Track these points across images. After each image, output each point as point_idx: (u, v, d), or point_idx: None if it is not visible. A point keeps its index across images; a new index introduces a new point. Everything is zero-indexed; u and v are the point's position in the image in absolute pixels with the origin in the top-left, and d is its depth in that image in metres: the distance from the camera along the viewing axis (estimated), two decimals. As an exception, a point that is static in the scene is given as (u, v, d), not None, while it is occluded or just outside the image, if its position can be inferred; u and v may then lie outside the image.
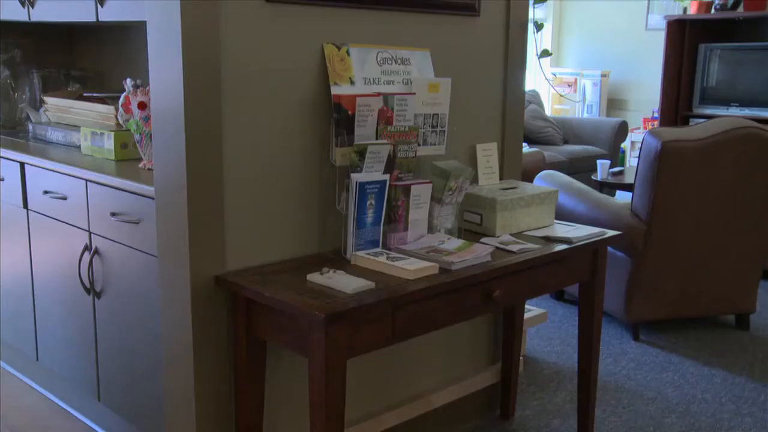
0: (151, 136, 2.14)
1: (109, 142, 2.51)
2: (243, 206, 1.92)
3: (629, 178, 5.16)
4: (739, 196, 3.43)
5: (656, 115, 6.71)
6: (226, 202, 1.88)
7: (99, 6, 2.36)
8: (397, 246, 2.03)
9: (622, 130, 6.72)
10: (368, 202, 1.95)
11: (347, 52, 2.07)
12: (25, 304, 2.81)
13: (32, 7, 2.69)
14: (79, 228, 2.42)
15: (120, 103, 2.39)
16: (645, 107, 7.19)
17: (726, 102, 6.31)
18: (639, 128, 7.03)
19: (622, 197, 4.93)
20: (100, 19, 2.38)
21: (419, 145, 2.17)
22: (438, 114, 2.23)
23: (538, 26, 2.70)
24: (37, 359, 2.82)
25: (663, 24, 6.52)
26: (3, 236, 2.89)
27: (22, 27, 3.01)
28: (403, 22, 2.22)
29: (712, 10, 6.33)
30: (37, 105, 3.11)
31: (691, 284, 3.52)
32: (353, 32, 2.10)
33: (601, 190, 4.96)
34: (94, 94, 2.84)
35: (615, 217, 3.36)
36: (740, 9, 6.17)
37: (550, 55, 2.79)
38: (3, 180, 2.79)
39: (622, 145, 6.76)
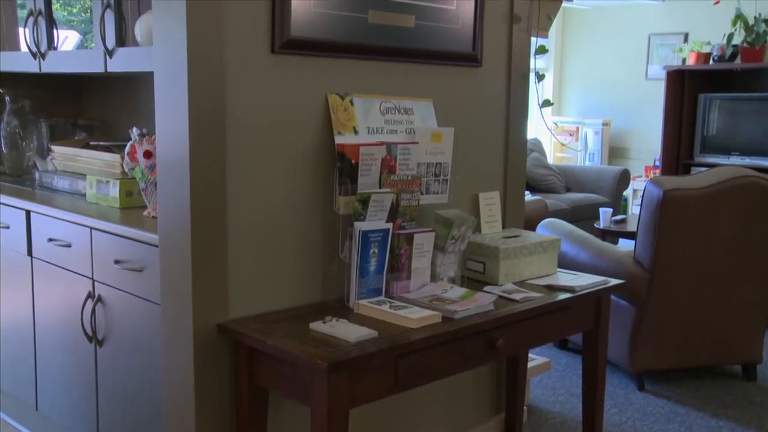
0: (156, 185, 2.16)
1: (114, 190, 2.53)
2: (246, 254, 1.93)
3: (632, 227, 5.17)
4: (742, 244, 3.43)
5: (658, 163, 6.75)
6: (230, 250, 1.89)
7: (108, 57, 2.40)
8: (399, 294, 2.03)
9: (624, 178, 6.76)
10: (371, 251, 1.96)
11: (351, 102, 2.10)
12: (25, 352, 2.80)
13: (43, 60, 2.74)
14: (82, 275, 2.43)
15: (126, 152, 2.42)
16: (646, 155, 7.24)
17: (727, 151, 6.35)
18: (641, 176, 7.06)
19: (625, 245, 4.93)
20: (108, 70, 2.42)
21: (422, 193, 2.18)
22: (441, 163, 2.25)
23: (540, 77, 2.73)
24: (37, 408, 2.79)
25: (662, 74, 6.61)
26: (6, 284, 2.90)
27: (32, 78, 3.06)
28: (406, 72, 2.25)
29: (711, 62, 6.42)
30: (44, 153, 3.14)
31: (696, 333, 3.49)
32: (357, 82, 2.13)
33: (603, 239, 4.96)
34: (101, 143, 2.87)
35: (618, 266, 3.36)
36: (738, 60, 6.25)
37: (551, 104, 2.82)
38: (8, 227, 2.80)
39: (625, 193, 6.79)
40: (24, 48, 2.85)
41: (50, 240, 2.56)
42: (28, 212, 2.68)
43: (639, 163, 7.32)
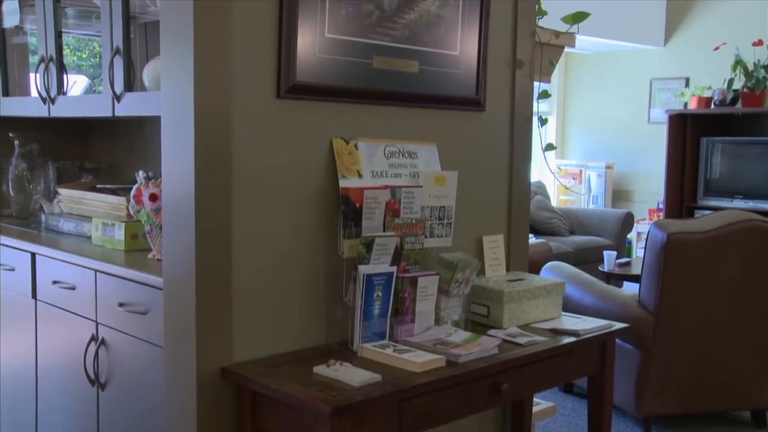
0: (161, 228, 2.18)
1: (119, 233, 2.54)
2: (250, 297, 1.93)
3: (636, 270, 5.16)
4: (748, 287, 3.42)
5: (661, 206, 6.76)
6: (234, 293, 1.90)
7: (116, 102, 2.43)
8: (403, 338, 2.02)
9: (628, 221, 6.76)
10: (375, 294, 1.96)
11: (355, 146, 2.12)
12: (26, 395, 2.79)
13: (53, 104, 2.78)
14: (86, 318, 2.43)
15: (132, 195, 2.44)
16: (650, 198, 7.26)
17: (730, 194, 6.37)
18: (644, 219, 7.07)
19: (630, 289, 4.92)
20: (116, 114, 2.46)
21: (426, 237, 2.19)
22: (444, 206, 2.26)
23: (543, 121, 2.76)
24: (38, 452, 2.77)
25: (665, 118, 6.66)
26: (9, 327, 2.89)
27: (41, 121, 3.10)
28: (410, 117, 2.28)
29: (712, 106, 6.47)
30: (50, 196, 3.16)
31: (703, 378, 3.46)
32: (361, 126, 2.16)
33: (608, 282, 4.95)
34: (107, 186, 2.89)
35: (623, 309, 3.35)
36: (739, 105, 6.31)
37: (554, 148, 2.85)
38: (13, 270, 2.81)
39: (629, 236, 6.79)
40: (34, 93, 2.90)
41: (55, 282, 2.57)
42: (33, 255, 2.69)
43: (642, 206, 7.34)
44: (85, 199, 2.89)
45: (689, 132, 6.58)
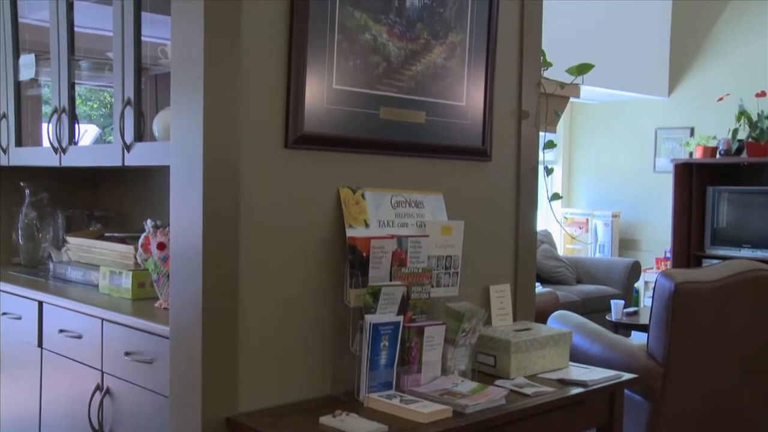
0: (168, 276, 2.18)
1: (126, 281, 2.55)
2: (257, 347, 1.93)
3: (644, 319, 5.12)
4: (757, 338, 3.39)
5: (669, 255, 6.75)
6: (241, 342, 1.89)
7: (126, 152, 2.47)
8: (410, 388, 2.01)
9: (635, 270, 6.74)
10: (382, 344, 1.95)
11: (362, 196, 2.14)
12: (31, 446, 2.76)
13: (64, 154, 2.82)
14: (91, 367, 2.42)
15: (140, 243, 2.45)
16: (657, 247, 7.24)
17: (738, 243, 6.35)
18: (652, 268, 7.04)
19: (638, 338, 4.88)
20: (126, 164, 2.48)
21: (432, 286, 2.19)
22: (451, 256, 2.26)
23: (549, 171, 2.78)
24: (40, 504, 2.73)
25: (670, 167, 6.69)
26: (14, 376, 2.88)
27: (51, 170, 3.14)
28: (417, 166, 2.30)
29: (717, 155, 6.50)
30: (59, 245, 3.18)
31: (713, 430, 3.41)
32: (368, 176, 2.17)
33: (616, 331, 4.91)
34: (115, 234, 2.91)
35: (631, 359, 3.31)
36: (744, 154, 6.33)
37: (560, 198, 2.86)
38: (20, 318, 2.81)
39: (636, 285, 6.76)
40: (46, 143, 2.94)
41: (61, 331, 2.56)
42: (40, 303, 2.69)
43: (650, 254, 7.32)
44: (93, 248, 2.91)
45: (695, 181, 6.59)
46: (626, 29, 6.79)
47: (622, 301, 5.48)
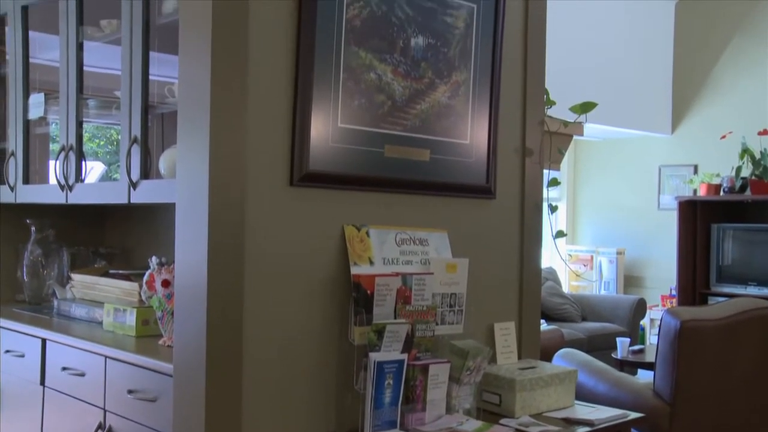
0: (172, 314, 2.18)
1: (131, 319, 2.55)
2: (261, 385, 1.92)
3: (650, 357, 5.08)
4: (764, 376, 3.36)
5: (674, 292, 6.71)
6: (244, 380, 1.88)
7: (132, 189, 2.48)
8: (415, 427, 1.99)
9: (641, 307, 6.70)
10: (386, 382, 1.94)
11: (367, 233, 2.14)
12: (32, 485, 2.73)
13: (70, 191, 2.83)
14: (94, 405, 2.40)
15: (144, 281, 2.45)
16: (662, 284, 7.21)
17: (743, 281, 6.32)
18: (657, 305, 7.01)
19: (644, 376, 4.83)
20: (132, 201, 2.50)
21: (437, 324, 2.18)
22: (455, 293, 2.26)
23: (553, 208, 2.79)
24: None
25: (674, 204, 6.69)
26: (14, 414, 2.86)
27: (57, 207, 3.15)
28: (421, 204, 2.31)
29: (721, 193, 6.50)
30: (64, 281, 3.18)
31: (722, 470, 3.37)
32: (373, 214, 2.18)
33: (621, 369, 4.87)
34: (120, 271, 2.91)
35: (637, 398, 3.28)
36: (748, 192, 6.34)
37: (564, 235, 2.86)
38: (23, 356, 2.81)
39: (642, 323, 6.72)
40: (52, 180, 2.95)
41: (64, 369, 2.55)
42: (43, 341, 2.68)
43: (655, 292, 7.28)
44: (97, 285, 2.91)
45: (699, 218, 6.59)
46: (628, 67, 6.85)
47: (628, 339, 5.44)
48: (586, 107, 2.75)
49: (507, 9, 2.47)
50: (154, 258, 2.43)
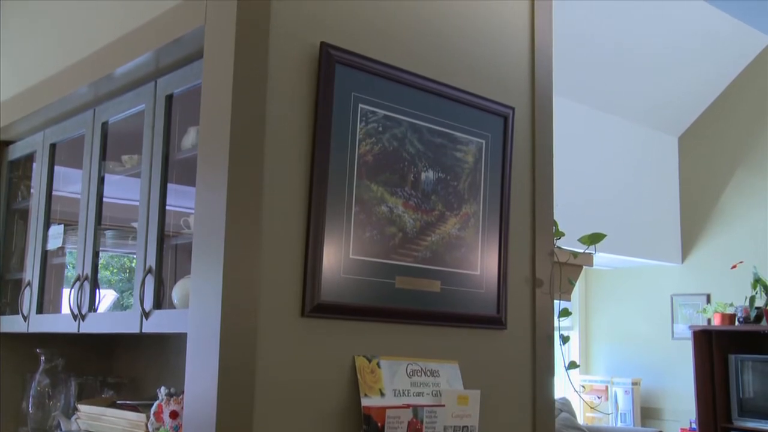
0: (179, 447, 2.14)
1: (136, 452, 2.49)
2: None
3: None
4: None
5: (694, 425, 6.51)
6: None
7: (144, 319, 2.49)
8: None
9: (660, 441, 6.49)
10: None
11: (378, 365, 2.13)
12: None
13: (83, 321, 2.84)
14: None
15: (152, 411, 2.42)
16: (682, 416, 7.00)
17: (767, 415, 6.14)
18: (677, 440, 6.78)
19: None
20: (144, 331, 2.50)
21: (449, 458, 2.12)
22: (468, 426, 2.21)
23: (564, 339, 2.77)
24: None
25: (689, 333, 6.60)
26: None
27: (68, 336, 3.15)
28: (432, 335, 2.30)
29: (736, 322, 6.43)
30: (69, 413, 3.13)
31: None
32: (384, 345, 2.17)
33: None
34: (127, 402, 2.87)
35: None
36: (763, 322, 6.27)
37: (577, 366, 2.82)
38: (24, 490, 2.73)
39: (663, 458, 6.49)
40: (65, 310, 2.97)
41: (66, 504, 2.48)
42: (46, 474, 2.62)
43: (675, 424, 7.06)
44: (104, 416, 2.86)
45: (715, 348, 6.48)
46: (636, 198, 6.95)
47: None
48: (594, 238, 2.78)
49: (515, 143, 2.55)
50: (162, 388, 2.41)
